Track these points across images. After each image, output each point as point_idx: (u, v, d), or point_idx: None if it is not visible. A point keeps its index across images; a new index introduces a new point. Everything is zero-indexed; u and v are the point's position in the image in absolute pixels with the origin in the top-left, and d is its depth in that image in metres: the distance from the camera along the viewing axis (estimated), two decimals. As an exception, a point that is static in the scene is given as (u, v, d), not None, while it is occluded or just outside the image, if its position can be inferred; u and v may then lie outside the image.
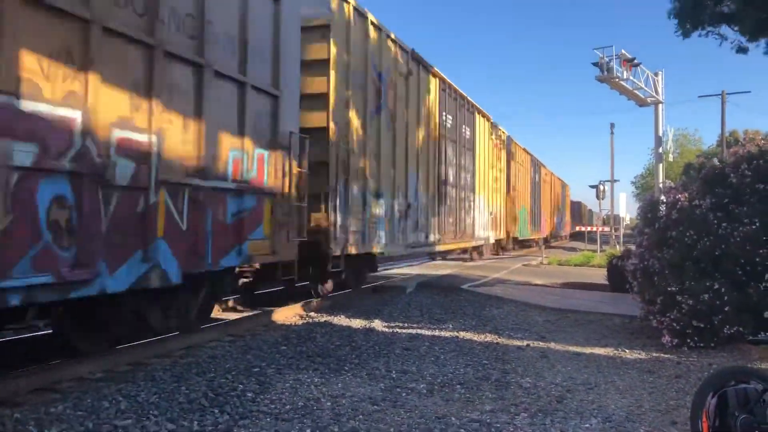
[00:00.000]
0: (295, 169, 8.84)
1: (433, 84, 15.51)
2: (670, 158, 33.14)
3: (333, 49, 10.13)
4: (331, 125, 10.09)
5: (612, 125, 35.86)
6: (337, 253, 10.30)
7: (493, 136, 23.06)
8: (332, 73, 10.14)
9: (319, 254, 9.92)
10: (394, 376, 6.22)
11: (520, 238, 30.39)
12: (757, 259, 7.33)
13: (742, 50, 11.10)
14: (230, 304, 10.55)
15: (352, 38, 10.75)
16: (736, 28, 10.62)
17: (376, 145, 11.81)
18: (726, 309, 7.29)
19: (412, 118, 13.78)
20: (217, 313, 10.03)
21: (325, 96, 10.07)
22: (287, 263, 8.82)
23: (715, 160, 8.57)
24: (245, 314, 9.76)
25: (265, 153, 8.11)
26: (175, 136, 6.38)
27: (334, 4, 10.20)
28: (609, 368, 6.74)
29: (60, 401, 4.95)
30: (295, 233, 8.79)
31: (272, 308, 9.77)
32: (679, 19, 10.90)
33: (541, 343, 8.00)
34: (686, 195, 8.17)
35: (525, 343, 8.00)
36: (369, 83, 11.46)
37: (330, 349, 7.34)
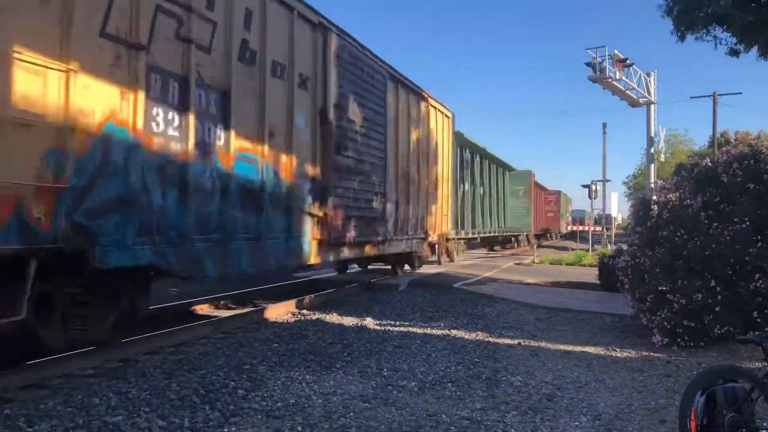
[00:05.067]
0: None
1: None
2: (662, 158, 33.15)
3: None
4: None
5: (604, 125, 35.99)
6: None
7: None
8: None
9: None
10: (385, 373, 6.23)
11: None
12: (747, 259, 7.37)
13: (734, 53, 11.05)
14: (222, 302, 10.54)
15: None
16: (728, 30, 10.60)
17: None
18: (717, 309, 7.33)
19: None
20: (208, 310, 10.02)
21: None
22: None
23: (707, 160, 8.60)
24: (237, 311, 9.74)
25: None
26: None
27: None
28: (599, 367, 6.77)
29: (50, 397, 4.94)
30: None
31: (264, 305, 9.77)
32: (675, 21, 10.87)
33: (532, 342, 8.02)
34: (676, 195, 8.21)
35: (516, 341, 8.03)
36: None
37: (322, 346, 7.34)
